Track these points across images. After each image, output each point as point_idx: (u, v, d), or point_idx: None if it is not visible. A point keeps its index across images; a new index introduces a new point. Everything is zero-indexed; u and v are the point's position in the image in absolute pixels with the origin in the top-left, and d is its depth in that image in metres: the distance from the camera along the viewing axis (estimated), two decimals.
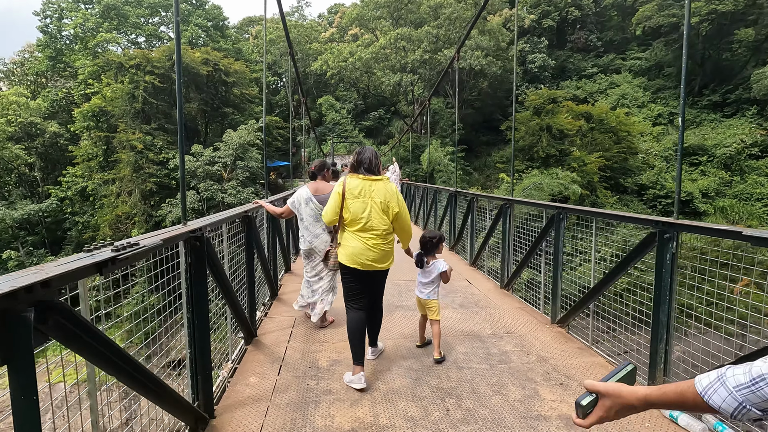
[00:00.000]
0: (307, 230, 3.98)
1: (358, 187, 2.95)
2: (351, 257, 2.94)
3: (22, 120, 26.63)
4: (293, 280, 5.82)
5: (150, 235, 1.88)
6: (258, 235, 3.96)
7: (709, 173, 26.98)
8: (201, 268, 2.32)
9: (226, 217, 3.04)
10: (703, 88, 32.14)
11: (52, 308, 1.10)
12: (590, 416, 0.93)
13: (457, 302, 4.74)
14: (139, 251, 1.50)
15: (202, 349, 2.29)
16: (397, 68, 30.82)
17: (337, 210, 2.98)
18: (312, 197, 3.95)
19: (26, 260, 23.67)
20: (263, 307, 4.59)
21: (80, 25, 32.26)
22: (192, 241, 2.25)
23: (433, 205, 9.68)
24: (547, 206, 4.43)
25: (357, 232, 2.94)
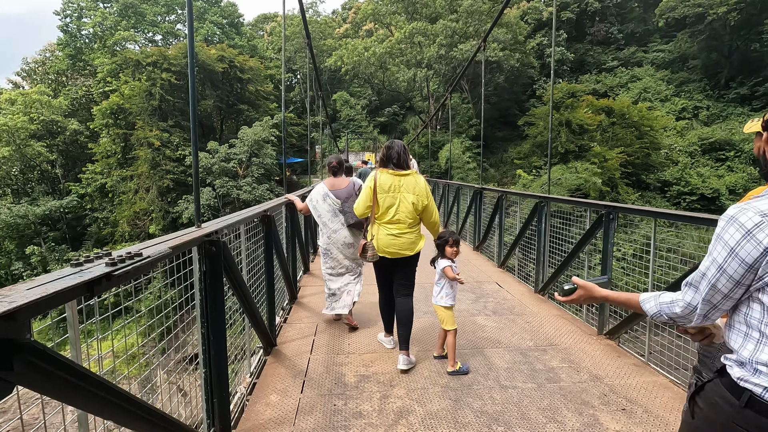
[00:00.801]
0: (326, 226, 3.96)
1: (388, 182, 3.09)
2: (381, 247, 3.15)
3: (44, 118, 26.99)
4: (312, 282, 5.56)
5: (157, 241, 1.61)
6: (278, 235, 3.70)
7: (736, 169, 25.91)
8: (217, 277, 2.07)
9: (245, 217, 2.79)
10: (730, 81, 30.89)
11: (19, 349, 0.83)
12: (567, 297, 1.43)
13: (489, 308, 4.41)
14: (141, 263, 1.23)
15: (218, 368, 2.02)
16: (412, 63, 30.36)
17: (368, 203, 3.16)
18: (329, 192, 3.94)
19: (48, 255, 24.03)
20: (282, 311, 4.33)
21: (99, 24, 32.56)
22: (207, 246, 2.00)
23: (455, 203, 9.31)
24: (594, 204, 4.10)
25: (386, 224, 3.14)
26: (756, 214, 1.01)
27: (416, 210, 3.10)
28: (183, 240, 1.68)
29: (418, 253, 3.21)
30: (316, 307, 4.48)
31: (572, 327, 3.88)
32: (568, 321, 4.06)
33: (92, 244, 25.75)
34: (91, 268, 1.10)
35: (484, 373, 2.95)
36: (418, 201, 3.08)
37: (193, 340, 2.99)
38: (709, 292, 1.11)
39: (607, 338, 3.58)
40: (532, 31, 34.92)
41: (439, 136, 30.10)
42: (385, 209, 3.10)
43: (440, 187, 11.55)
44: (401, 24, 31.40)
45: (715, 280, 1.09)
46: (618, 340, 3.51)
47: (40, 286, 0.92)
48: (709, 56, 32.21)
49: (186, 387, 2.48)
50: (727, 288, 1.07)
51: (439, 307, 3.11)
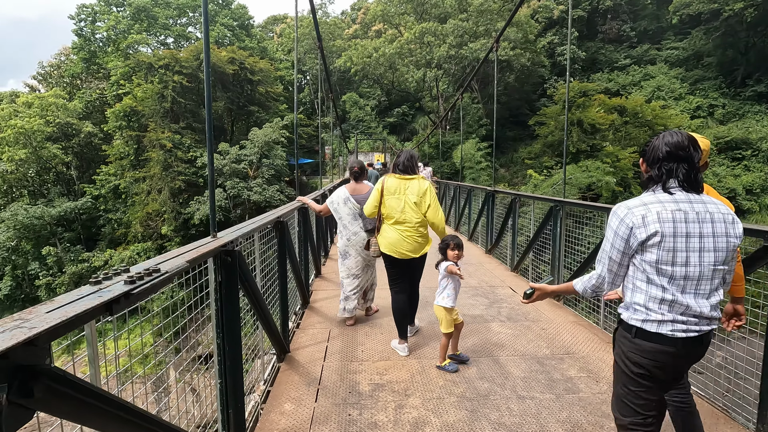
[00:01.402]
0: (346, 228, 4.20)
1: (394, 185, 3.45)
2: (389, 246, 3.46)
3: (59, 121, 27.45)
4: (324, 286, 5.54)
5: (174, 254, 1.59)
6: (291, 241, 3.69)
7: (753, 168, 25.34)
8: (233, 287, 2.05)
9: (259, 225, 2.78)
10: (747, 78, 30.25)
11: (40, 375, 0.81)
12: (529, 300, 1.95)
13: (503, 314, 4.35)
14: (159, 280, 1.21)
15: (234, 379, 2.00)
16: (421, 63, 30.26)
17: (376, 204, 3.51)
18: (350, 197, 4.20)
19: (64, 256, 24.42)
20: (294, 316, 4.31)
21: (112, 28, 33.00)
22: (223, 257, 1.98)
23: (466, 205, 9.23)
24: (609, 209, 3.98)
25: (393, 224, 3.44)
26: (625, 208, 1.62)
27: (420, 209, 3.39)
28: (199, 252, 1.67)
29: (424, 255, 3.50)
30: (329, 312, 4.47)
31: (589, 334, 3.81)
32: (585, 328, 3.98)
33: (106, 244, 26.11)
34: (110, 287, 1.08)
35: (500, 382, 2.90)
36: (421, 201, 3.38)
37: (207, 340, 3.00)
38: (609, 263, 1.67)
39: None
40: (542, 30, 34.59)
41: (449, 136, 29.96)
42: (391, 210, 3.43)
43: (451, 188, 11.46)
44: (410, 24, 31.32)
45: (610, 253, 1.66)
46: None
47: (59, 308, 0.91)
48: (724, 53, 31.59)
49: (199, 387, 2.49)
50: (618, 257, 1.64)
51: (440, 308, 3.23)
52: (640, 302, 1.59)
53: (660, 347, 1.55)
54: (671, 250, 1.53)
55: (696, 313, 1.54)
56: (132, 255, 22.83)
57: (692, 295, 1.55)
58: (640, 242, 1.55)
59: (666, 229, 1.52)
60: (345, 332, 3.92)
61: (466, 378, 2.97)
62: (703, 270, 1.54)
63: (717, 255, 1.55)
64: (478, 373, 3.04)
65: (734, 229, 1.57)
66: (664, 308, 1.56)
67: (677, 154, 1.60)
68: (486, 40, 27.67)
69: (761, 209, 23.70)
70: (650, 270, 1.57)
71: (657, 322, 1.56)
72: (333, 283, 5.62)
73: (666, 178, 1.60)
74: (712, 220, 1.55)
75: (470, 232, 8.78)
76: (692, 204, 1.56)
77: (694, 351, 1.60)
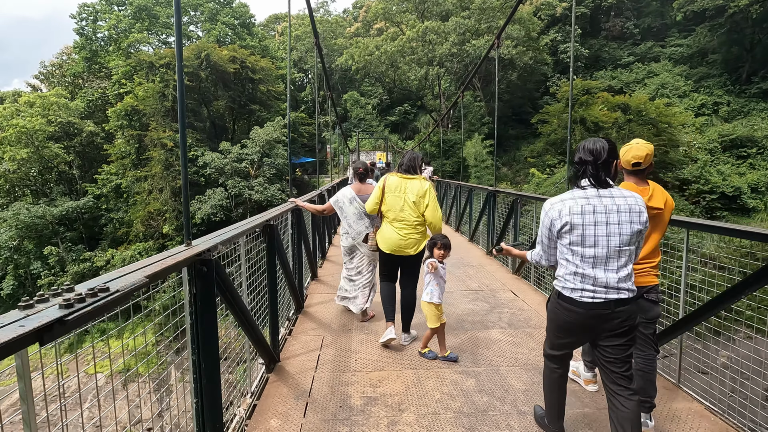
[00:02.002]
0: (351, 227, 4.28)
1: (394, 184, 3.58)
2: (385, 243, 3.60)
3: (61, 120, 27.43)
4: (320, 289, 5.40)
5: (135, 267, 1.45)
6: (281, 245, 3.54)
7: (759, 166, 25.05)
8: (209, 300, 1.91)
9: (244, 229, 2.60)
10: (752, 75, 29.89)
11: None
12: (498, 253, 2.67)
13: (504, 320, 4.19)
14: (105, 302, 1.06)
15: (212, 399, 1.86)
16: (423, 62, 30.05)
17: (377, 201, 3.65)
18: (356, 197, 4.28)
19: (66, 256, 24.42)
20: (287, 322, 4.17)
21: (114, 27, 32.97)
22: (198, 266, 1.84)
23: (467, 205, 9.05)
24: None
25: (392, 222, 3.56)
26: (549, 204, 2.07)
27: (419, 209, 3.49)
28: (164, 265, 1.51)
29: (419, 252, 3.61)
30: (323, 317, 4.33)
31: None
32: None
33: (108, 244, 26.11)
34: (41, 312, 0.94)
35: (500, 396, 2.74)
36: (419, 201, 3.48)
37: None
38: (543, 243, 2.14)
39: None
40: (545, 27, 34.32)
41: (451, 135, 29.76)
42: (391, 207, 3.56)
43: (452, 188, 11.27)
44: (412, 22, 31.10)
45: (542, 236, 2.13)
46: None
47: None
48: (729, 50, 31.24)
49: None
50: (547, 239, 2.11)
51: (425, 303, 3.37)
52: (561, 274, 2.07)
53: (571, 307, 2.02)
54: (581, 236, 1.97)
55: (604, 283, 1.96)
56: (134, 254, 22.80)
57: (602, 270, 1.96)
58: (558, 230, 2.03)
59: (575, 220, 1.97)
60: (339, 339, 3.78)
61: (464, 391, 2.82)
62: (609, 251, 1.95)
63: (622, 239, 1.94)
64: (476, 385, 2.89)
65: (639, 217, 1.96)
66: (577, 280, 2.00)
67: (588, 159, 1.99)
68: (489, 37, 27.45)
69: (766, 207, 23.42)
70: (566, 251, 2.03)
71: (571, 289, 2.02)
72: (329, 286, 5.48)
73: (580, 177, 2.04)
74: (618, 211, 1.95)
75: (471, 233, 8.60)
76: (601, 198, 1.97)
77: (602, 313, 1.97)
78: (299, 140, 29.79)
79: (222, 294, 2.07)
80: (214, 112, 28.95)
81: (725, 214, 23.06)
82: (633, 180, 2.47)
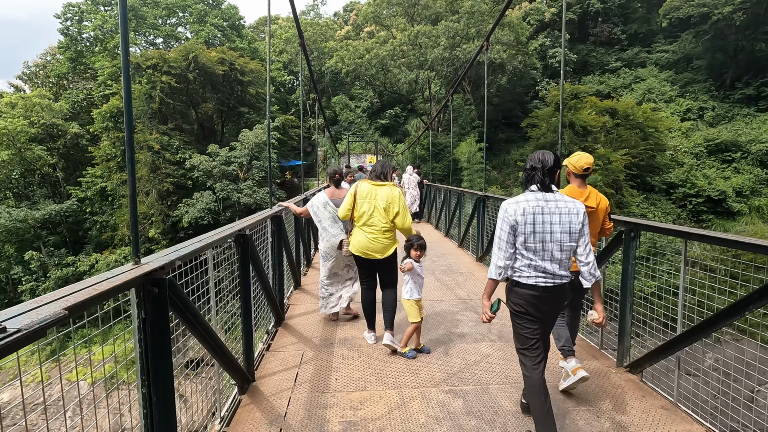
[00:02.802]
0: (326, 231, 4.42)
1: (365, 191, 3.74)
2: (356, 246, 3.76)
3: (44, 121, 26.86)
4: (303, 299, 5.28)
5: (55, 296, 1.24)
6: (257, 256, 3.39)
7: (743, 170, 25.51)
8: (161, 325, 1.73)
9: (212, 241, 2.41)
10: (736, 81, 30.51)
11: None
12: None
13: (494, 332, 4.12)
14: None
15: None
16: (414, 65, 30.07)
17: (349, 208, 3.80)
18: (329, 201, 4.44)
19: (48, 260, 23.87)
20: (266, 336, 4.02)
21: (99, 27, 32.46)
22: (147, 287, 1.67)
23: (456, 209, 9.00)
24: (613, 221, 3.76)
25: (362, 227, 3.72)
26: (506, 205, 2.35)
27: (388, 214, 3.65)
28: (97, 291, 1.33)
29: (389, 256, 3.75)
30: (305, 330, 4.21)
31: (588, 357, 3.57)
32: (584, 349, 3.74)
33: (92, 248, 25.60)
34: None
35: (489, 419, 2.65)
36: (389, 207, 3.65)
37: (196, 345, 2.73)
38: (502, 244, 2.34)
39: (628, 372, 3.22)
40: (534, 32, 34.64)
41: (441, 138, 29.80)
42: (361, 213, 3.71)
43: (441, 192, 11.19)
44: (402, 26, 31.12)
45: (501, 232, 2.34)
46: (641, 374, 3.18)
47: None
48: (714, 56, 31.84)
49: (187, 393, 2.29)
50: (506, 236, 2.32)
51: (405, 301, 3.61)
52: (517, 266, 2.38)
53: (525, 292, 2.36)
54: (532, 233, 2.30)
55: (551, 272, 2.33)
56: (118, 258, 22.36)
57: (549, 262, 2.32)
58: (512, 226, 2.34)
59: (527, 220, 2.30)
60: (320, 355, 3.65)
61: (451, 413, 2.72)
62: (553, 246, 2.31)
63: (563, 236, 2.31)
64: (464, 406, 2.79)
65: (577, 218, 2.33)
66: (530, 270, 2.34)
67: (537, 166, 2.37)
68: (479, 41, 27.56)
69: (751, 211, 23.84)
70: (520, 246, 2.35)
71: (526, 277, 2.35)
72: (312, 295, 5.36)
73: (529, 182, 2.41)
74: (559, 213, 2.31)
75: (460, 239, 8.54)
76: (547, 201, 2.33)
77: (552, 295, 2.36)
78: (289, 143, 29.59)
79: (180, 315, 1.93)
80: (203, 114, 28.63)
81: (711, 217, 23.43)
82: (577, 183, 3.00)
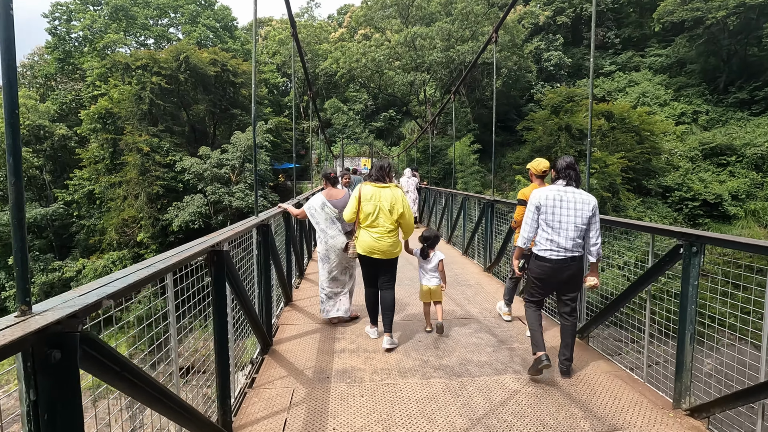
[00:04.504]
0: (324, 233, 4.39)
1: (369, 192, 3.82)
2: (363, 247, 3.84)
3: (29, 122, 26.12)
4: (294, 318, 4.66)
5: None
6: (236, 275, 2.82)
7: (738, 174, 25.56)
8: (69, 408, 1.22)
9: (171, 264, 1.84)
10: (729, 85, 30.69)
11: None
12: None
13: (517, 360, 3.57)
14: None
15: None
16: (410, 67, 29.78)
17: (354, 210, 3.88)
18: (326, 202, 4.41)
19: (33, 265, 23.12)
20: (251, 366, 3.46)
21: (88, 27, 31.80)
22: (37, 349, 1.14)
23: (459, 215, 8.59)
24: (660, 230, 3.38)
25: (368, 228, 3.81)
26: (536, 191, 3.27)
27: (393, 215, 3.78)
28: None
29: (394, 259, 3.91)
30: (296, 359, 3.64)
31: (634, 394, 3.03)
32: (627, 384, 3.17)
33: (80, 252, 24.90)
34: None
35: None
36: (393, 208, 3.78)
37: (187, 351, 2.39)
38: (528, 220, 3.22)
39: (689, 416, 2.68)
40: (529, 35, 34.60)
41: (437, 141, 29.54)
42: (367, 215, 3.79)
43: (442, 197, 10.77)
44: (397, 27, 30.84)
45: (528, 213, 3.23)
46: (707, 420, 2.63)
47: None
48: (707, 60, 32.02)
49: None
50: (532, 215, 3.20)
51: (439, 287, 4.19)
52: (538, 239, 3.16)
53: (544, 263, 3.14)
54: (552, 214, 3.09)
55: (564, 247, 3.08)
56: (107, 264, 21.72)
57: (564, 238, 3.07)
58: (537, 207, 3.15)
59: (548, 203, 3.11)
60: (313, 393, 3.02)
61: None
62: (569, 226, 3.07)
63: (576, 219, 3.07)
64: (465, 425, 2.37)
65: (588, 206, 3.11)
66: (549, 243, 3.11)
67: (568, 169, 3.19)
68: (474, 43, 27.37)
69: (746, 215, 23.84)
70: (543, 224, 3.15)
71: (544, 250, 3.12)
72: (305, 313, 4.81)
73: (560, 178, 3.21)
74: (574, 201, 3.10)
75: (465, 246, 8.15)
76: (566, 193, 3.13)
77: (563, 266, 3.10)
78: (282, 146, 29.11)
79: (104, 375, 1.42)
80: (194, 116, 28.07)
81: (707, 221, 23.39)
82: (538, 182, 4.10)
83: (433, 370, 3.39)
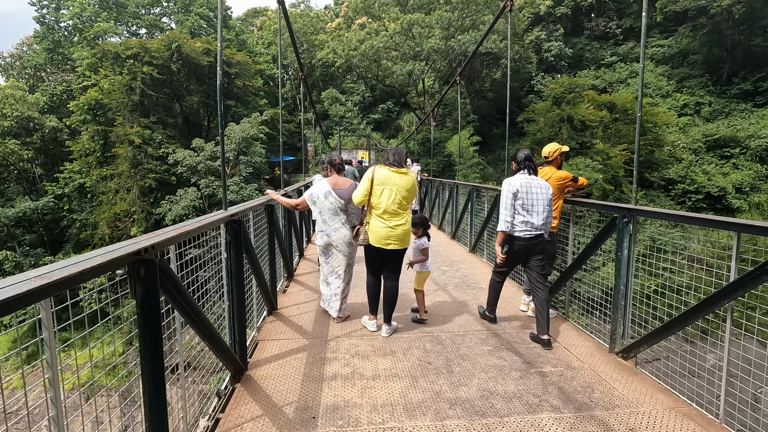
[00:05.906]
0: (326, 224, 4.11)
1: (384, 176, 3.67)
2: (376, 238, 3.68)
3: (18, 114, 25.40)
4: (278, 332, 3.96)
5: None
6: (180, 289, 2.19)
7: (742, 167, 25.14)
8: None
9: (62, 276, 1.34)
10: (733, 76, 30.16)
11: None
12: None
13: (553, 391, 3.08)
14: None
15: None
16: (408, 56, 29.12)
17: (366, 193, 3.69)
18: (332, 191, 4.10)
19: (23, 260, 22.56)
20: (216, 399, 2.89)
21: (78, 15, 30.95)
22: None
23: (466, 209, 8.03)
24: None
25: (381, 215, 3.65)
26: (509, 180, 3.85)
27: (408, 201, 3.72)
28: None
29: (405, 249, 3.81)
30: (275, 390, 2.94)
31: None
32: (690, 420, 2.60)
33: (71, 247, 24.36)
34: None
35: None
36: (408, 195, 3.71)
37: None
38: (507, 205, 3.74)
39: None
40: (529, 26, 33.99)
41: (436, 132, 29.00)
42: (381, 199, 3.63)
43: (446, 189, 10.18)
44: (395, 15, 30.11)
45: (506, 199, 3.74)
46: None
47: None
48: (710, 51, 31.49)
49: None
50: (510, 200, 3.72)
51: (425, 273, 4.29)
52: (516, 222, 3.72)
53: (518, 242, 3.73)
54: (527, 199, 3.70)
55: (536, 226, 3.71)
56: None
57: (536, 219, 3.71)
58: (514, 194, 3.71)
59: (522, 189, 3.71)
60: None
61: None
62: (539, 208, 3.71)
63: (543, 202, 3.73)
64: None
65: (549, 190, 3.81)
66: (523, 225, 3.71)
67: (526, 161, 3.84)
68: (475, 33, 26.76)
69: (750, 207, 23.48)
70: (519, 208, 3.71)
71: (520, 230, 3.71)
72: (292, 324, 4.16)
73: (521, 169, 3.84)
74: (539, 186, 3.76)
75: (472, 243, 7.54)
76: (533, 180, 3.79)
77: (534, 243, 3.75)
78: (278, 138, 28.52)
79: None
80: (187, 107, 27.38)
81: (711, 214, 23.03)
82: (548, 166, 4.41)
83: (448, 406, 2.77)
